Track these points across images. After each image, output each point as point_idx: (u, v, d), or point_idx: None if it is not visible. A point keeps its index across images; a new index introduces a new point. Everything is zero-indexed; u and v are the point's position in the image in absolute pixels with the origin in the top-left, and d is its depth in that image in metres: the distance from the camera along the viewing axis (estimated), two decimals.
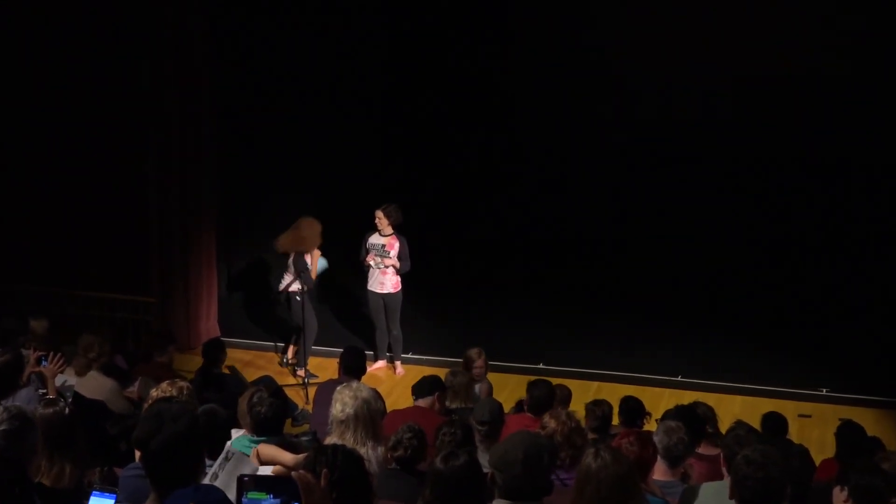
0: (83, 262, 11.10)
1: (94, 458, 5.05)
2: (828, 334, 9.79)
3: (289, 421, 8.83)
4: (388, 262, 10.04)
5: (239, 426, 5.46)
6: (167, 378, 6.25)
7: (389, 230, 10.05)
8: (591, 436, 6.45)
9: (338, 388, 5.67)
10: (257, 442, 5.11)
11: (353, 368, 7.56)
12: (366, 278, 10.21)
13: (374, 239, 10.11)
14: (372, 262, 10.07)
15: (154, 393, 5.62)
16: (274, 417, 5.29)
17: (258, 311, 11.39)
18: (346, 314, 10.97)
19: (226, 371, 9.11)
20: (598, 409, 6.94)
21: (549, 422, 5.73)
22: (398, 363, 10.52)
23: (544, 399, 6.98)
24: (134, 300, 10.89)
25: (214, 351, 8.74)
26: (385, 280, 10.14)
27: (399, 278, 10.14)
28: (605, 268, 10.35)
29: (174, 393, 5.52)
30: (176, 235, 10.85)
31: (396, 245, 10.07)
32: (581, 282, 10.41)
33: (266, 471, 4.10)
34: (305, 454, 4.08)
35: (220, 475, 4.62)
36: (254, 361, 10.72)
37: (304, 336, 10.05)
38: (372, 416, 5.50)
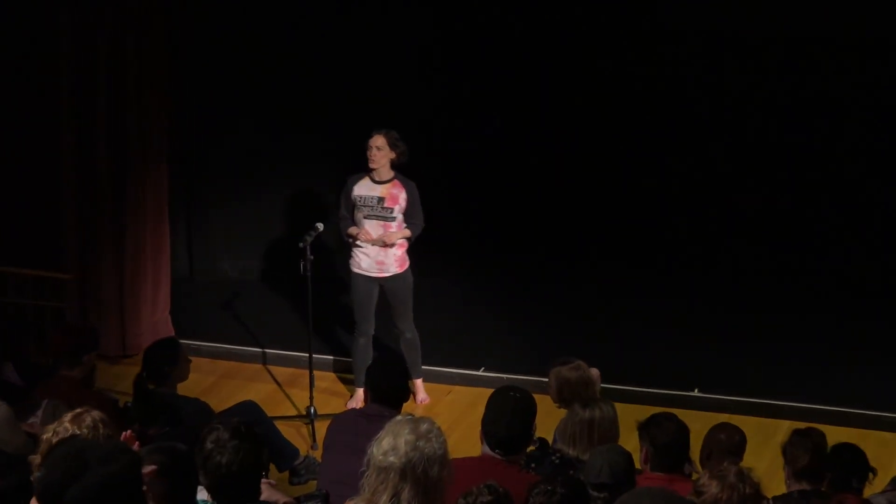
0: None
1: None
2: None
3: (286, 475, 9.07)
4: (393, 236, 10.09)
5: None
6: (84, 402, 6.27)
7: (389, 172, 10.09)
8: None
9: (396, 419, 5.63)
10: None
11: (388, 392, 7.51)
12: (347, 253, 10.30)
13: (365, 188, 10.13)
14: (363, 243, 10.13)
15: (47, 434, 5.55)
16: (240, 473, 5.27)
17: (238, 296, 11.58)
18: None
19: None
20: (800, 447, 7.00)
21: (710, 484, 5.76)
22: (419, 383, 10.60)
23: (671, 444, 6.92)
24: (38, 277, 10.90)
25: (163, 359, 8.60)
26: (386, 256, 10.19)
27: (405, 250, 10.26)
28: (798, 252, 10.92)
29: (79, 431, 5.43)
30: (104, 177, 10.84)
31: (403, 196, 10.12)
32: (762, 269, 11.07)
33: None
34: None
35: None
36: (232, 375, 10.85)
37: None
38: (433, 481, 5.44)
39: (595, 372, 8.40)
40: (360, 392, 10.37)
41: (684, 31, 11.00)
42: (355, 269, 10.24)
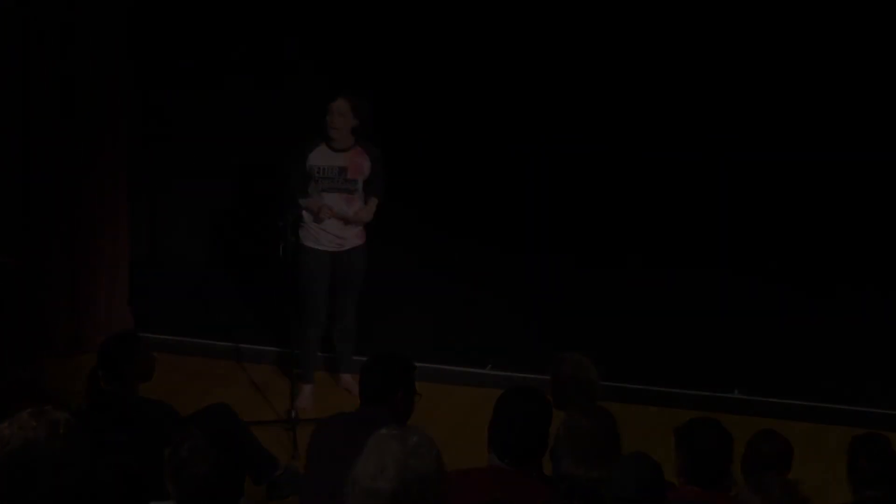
0: None
1: None
2: None
3: (262, 489, 9.13)
4: (363, 217, 10.37)
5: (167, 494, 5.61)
6: (33, 404, 6.15)
7: (350, 138, 10.20)
8: None
9: (380, 432, 5.47)
10: None
11: (385, 392, 7.38)
12: (292, 226, 10.35)
13: (323, 157, 10.32)
14: (327, 217, 10.32)
15: (4, 430, 5.59)
16: (219, 486, 5.37)
17: (207, 282, 11.60)
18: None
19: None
20: (863, 453, 7.08)
21: (752, 499, 5.80)
22: (348, 377, 10.73)
23: (710, 454, 6.88)
24: None
25: (121, 355, 8.53)
26: (345, 229, 10.40)
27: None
28: (853, 242, 10.74)
29: (42, 432, 5.38)
30: (53, 143, 10.92)
31: (367, 165, 10.32)
32: (811, 255, 10.77)
33: None
34: None
35: None
36: (202, 373, 11.04)
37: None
38: (430, 502, 5.36)
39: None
40: (308, 389, 10.68)
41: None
42: (310, 244, 10.37)
